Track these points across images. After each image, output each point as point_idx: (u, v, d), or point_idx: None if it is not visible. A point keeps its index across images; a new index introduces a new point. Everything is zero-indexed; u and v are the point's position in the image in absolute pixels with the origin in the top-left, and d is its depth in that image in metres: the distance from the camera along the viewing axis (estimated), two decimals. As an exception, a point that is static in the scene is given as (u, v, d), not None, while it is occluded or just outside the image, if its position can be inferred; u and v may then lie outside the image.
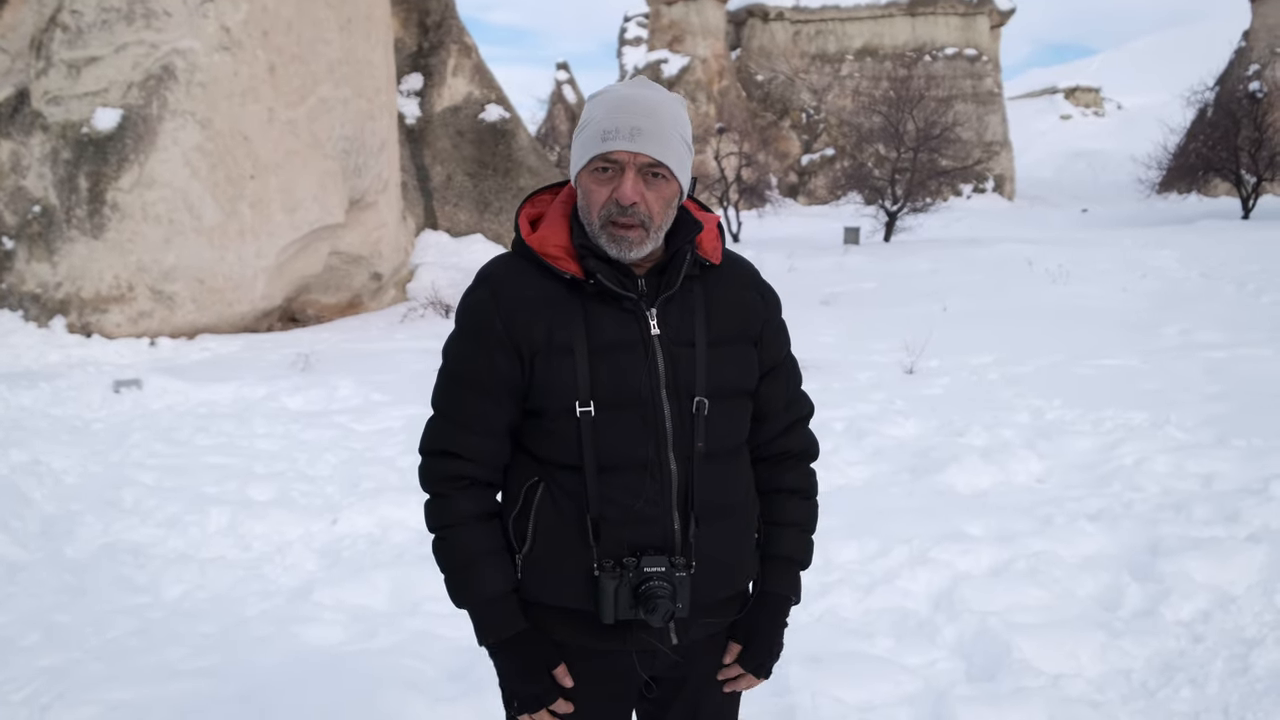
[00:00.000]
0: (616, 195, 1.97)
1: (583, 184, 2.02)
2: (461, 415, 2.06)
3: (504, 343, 2.00)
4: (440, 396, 2.10)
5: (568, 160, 31.38)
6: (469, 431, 2.05)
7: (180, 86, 14.88)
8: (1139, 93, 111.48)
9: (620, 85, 2.06)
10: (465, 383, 2.05)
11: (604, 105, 2.02)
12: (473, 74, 26.14)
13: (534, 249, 2.04)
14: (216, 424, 9.11)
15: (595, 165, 1.99)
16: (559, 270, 2.02)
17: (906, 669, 4.01)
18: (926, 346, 11.41)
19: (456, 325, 2.08)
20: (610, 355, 1.99)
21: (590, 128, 2.01)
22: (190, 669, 4.21)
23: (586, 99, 2.11)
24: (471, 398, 2.04)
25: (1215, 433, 7.49)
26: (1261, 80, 50.91)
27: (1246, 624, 4.37)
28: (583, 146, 2.02)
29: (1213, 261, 20.14)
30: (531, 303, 2.01)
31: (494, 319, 2.01)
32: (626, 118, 1.97)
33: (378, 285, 18.95)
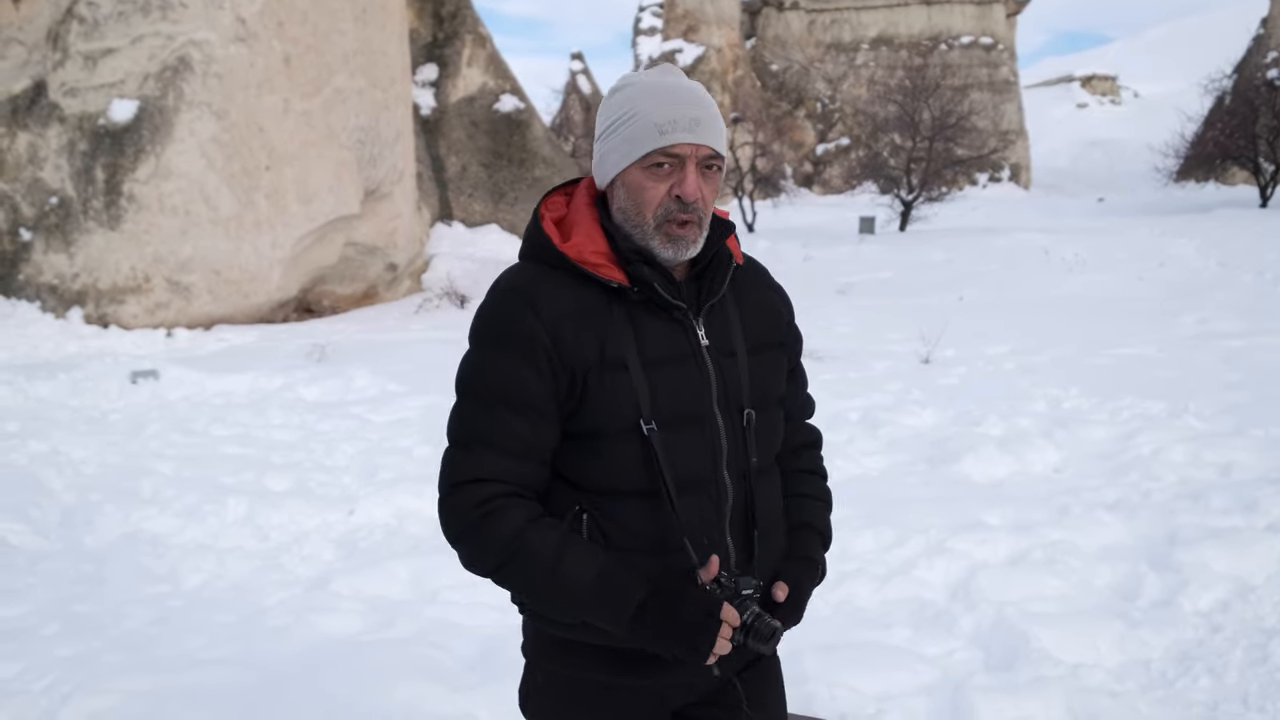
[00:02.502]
0: (679, 191, 1.83)
1: (630, 182, 1.85)
2: (496, 438, 1.80)
3: (550, 357, 1.79)
4: (464, 424, 1.84)
5: (583, 150, 31.36)
6: (506, 455, 1.81)
7: (196, 78, 14.92)
8: (1156, 81, 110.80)
9: (655, 74, 1.91)
10: (501, 402, 1.80)
11: (653, 95, 1.86)
12: (487, 64, 26.14)
13: (570, 256, 1.84)
14: (233, 414, 9.15)
15: (652, 160, 1.83)
16: (603, 279, 1.83)
17: (924, 659, 4.00)
18: (942, 336, 11.38)
19: (482, 340, 1.85)
20: (663, 369, 1.84)
21: (639, 121, 1.84)
22: (209, 658, 4.23)
23: (612, 91, 1.93)
24: (510, 418, 1.80)
25: (1233, 422, 7.44)
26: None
27: (1266, 614, 4.35)
28: (631, 141, 1.84)
29: (1231, 250, 20.00)
30: (574, 315, 1.82)
31: (536, 331, 1.79)
32: (685, 108, 1.84)
33: (393, 276, 18.98)
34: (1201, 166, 45.07)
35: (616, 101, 1.89)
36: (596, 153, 1.94)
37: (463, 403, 1.86)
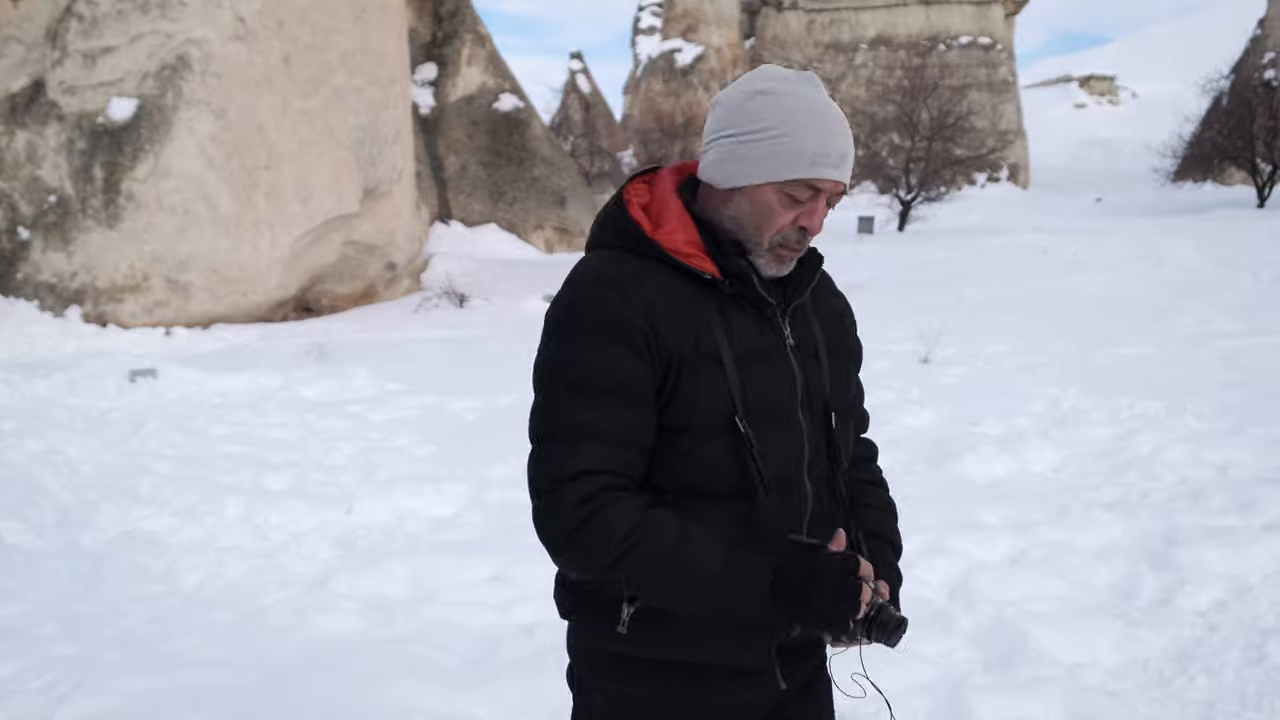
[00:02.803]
0: (806, 223, 1.78)
1: (761, 200, 1.77)
2: (600, 429, 1.70)
3: (650, 345, 1.72)
4: (560, 417, 1.72)
5: (581, 150, 31.29)
6: (612, 446, 1.71)
7: (195, 76, 14.92)
8: (1154, 81, 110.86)
9: (806, 87, 1.79)
10: (602, 391, 1.70)
11: (809, 117, 1.76)
12: (486, 64, 26.16)
13: (663, 245, 1.78)
14: (232, 413, 9.15)
15: (794, 188, 1.76)
16: (695, 269, 1.77)
17: (923, 658, 4.00)
18: (941, 335, 11.38)
19: (576, 329, 1.74)
20: (753, 365, 1.78)
21: (792, 142, 1.75)
22: (206, 658, 4.22)
23: (757, 91, 1.79)
24: (614, 407, 1.71)
25: (1231, 421, 7.45)
26: (1277, 69, 50.58)
27: (1263, 613, 4.36)
28: (779, 160, 1.75)
29: (1228, 250, 20.00)
30: (668, 305, 1.75)
31: (635, 319, 1.71)
32: (838, 140, 1.77)
33: (392, 275, 18.99)
34: (1199, 166, 45.18)
35: (765, 107, 1.77)
36: (725, 149, 1.81)
37: (556, 395, 1.73)
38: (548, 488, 1.70)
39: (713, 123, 1.84)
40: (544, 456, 1.73)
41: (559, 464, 1.70)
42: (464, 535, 5.91)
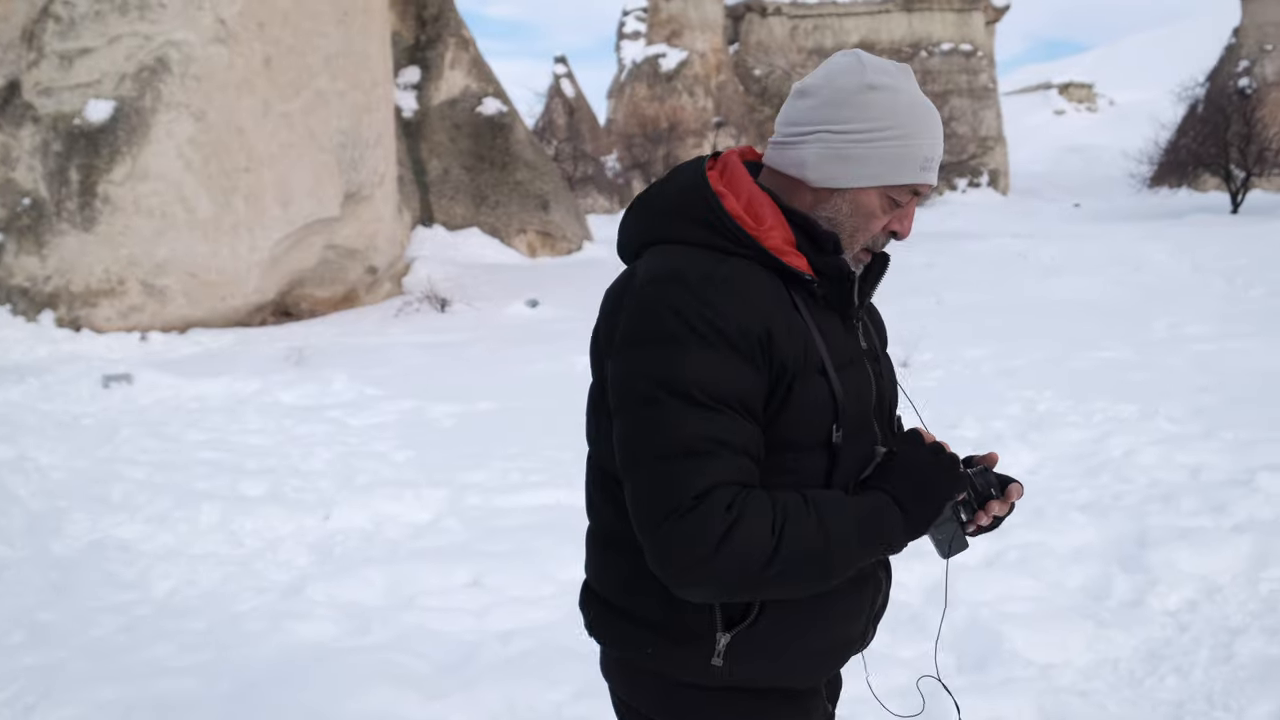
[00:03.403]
0: (898, 228, 1.71)
1: (865, 203, 1.68)
2: (729, 438, 1.54)
3: (765, 354, 1.57)
4: (682, 430, 1.53)
5: (565, 154, 31.26)
6: (742, 455, 1.55)
7: (174, 78, 14.86)
8: (1131, 88, 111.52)
9: (914, 85, 1.71)
10: (723, 403, 1.54)
11: (922, 119, 1.68)
12: (470, 67, 26.14)
13: (766, 244, 1.64)
14: (208, 419, 9.11)
15: (899, 193, 1.68)
16: (794, 269, 1.65)
17: (898, 661, 4.02)
18: (921, 340, 11.43)
19: (678, 334, 1.55)
20: (846, 374, 1.68)
21: (909, 143, 1.66)
22: (179, 666, 4.20)
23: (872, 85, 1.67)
24: (737, 419, 1.55)
25: (1203, 424, 7.51)
26: (1251, 77, 51.17)
27: (1231, 613, 4.41)
28: (892, 164, 1.66)
29: (1203, 255, 20.17)
30: (778, 310, 1.61)
31: (751, 326, 1.56)
32: (940, 145, 1.71)
33: (373, 279, 18.94)
34: (1175, 173, 45.52)
35: (882, 104, 1.66)
36: (831, 147, 1.67)
37: (669, 409, 1.54)
38: (680, 506, 1.50)
39: (807, 113, 1.69)
40: (665, 476, 1.53)
41: (688, 479, 1.51)
42: (442, 541, 5.89)
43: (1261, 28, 55.27)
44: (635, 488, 1.56)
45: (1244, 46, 55.46)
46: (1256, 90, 48.17)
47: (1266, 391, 8.47)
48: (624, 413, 1.59)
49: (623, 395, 1.60)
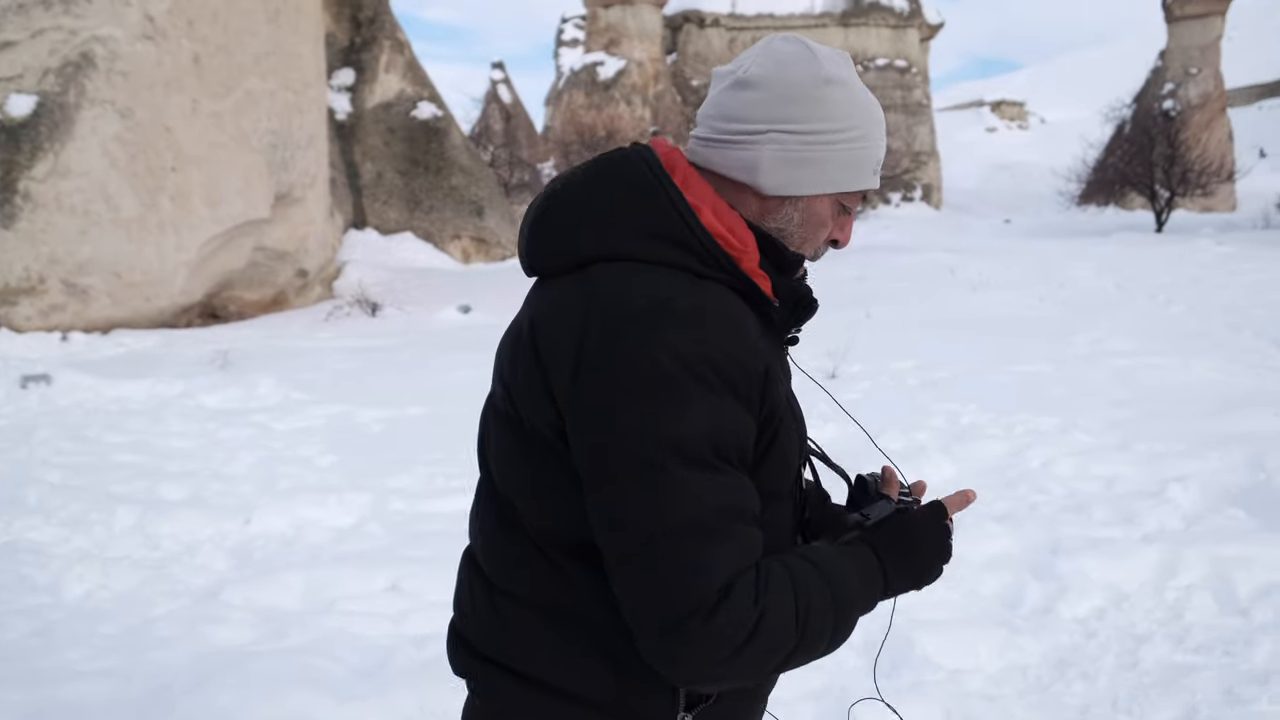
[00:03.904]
0: (839, 236, 1.58)
1: (817, 211, 1.52)
2: (744, 506, 1.35)
3: (760, 397, 1.39)
4: (696, 500, 1.30)
5: (501, 160, 31.18)
6: (751, 523, 1.36)
7: (100, 75, 14.60)
8: (1061, 107, 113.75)
9: (857, 77, 1.54)
10: (730, 463, 1.35)
11: (877, 122, 1.54)
12: (405, 70, 26.00)
13: (744, 267, 1.45)
14: (128, 421, 8.95)
15: (852, 199, 1.55)
16: (766, 296, 1.47)
17: (812, 666, 4.04)
18: (850, 351, 11.55)
19: (672, 379, 1.31)
20: (795, 409, 1.55)
21: (869, 146, 1.52)
22: (91, 670, 4.14)
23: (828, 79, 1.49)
24: (738, 476, 1.36)
25: (1119, 437, 7.69)
26: (1175, 99, 52.51)
27: (1137, 621, 4.54)
28: (850, 169, 1.51)
29: (1127, 273, 20.62)
30: (763, 345, 1.43)
31: (753, 368, 1.37)
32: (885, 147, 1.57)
33: (303, 282, 18.74)
34: (1102, 191, 46.64)
35: (841, 103, 1.49)
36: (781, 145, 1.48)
37: (679, 475, 1.30)
38: (704, 603, 1.28)
39: (755, 108, 1.48)
40: (681, 565, 1.29)
41: (710, 569, 1.29)
42: (364, 546, 5.86)
43: (1186, 51, 56.71)
44: (637, 576, 1.31)
45: (1169, 70, 56.86)
46: (1180, 113, 49.51)
47: (1180, 405, 8.68)
48: (615, 482, 1.32)
49: (611, 461, 1.33)
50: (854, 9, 67.82)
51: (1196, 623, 4.51)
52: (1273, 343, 12.08)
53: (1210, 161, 43.14)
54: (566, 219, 1.47)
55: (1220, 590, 4.79)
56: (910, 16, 68.60)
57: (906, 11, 68.07)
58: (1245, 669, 4.06)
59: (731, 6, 68.10)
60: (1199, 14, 56.39)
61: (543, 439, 1.43)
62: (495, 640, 1.54)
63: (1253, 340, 12.35)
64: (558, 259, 1.47)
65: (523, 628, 1.51)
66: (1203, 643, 4.32)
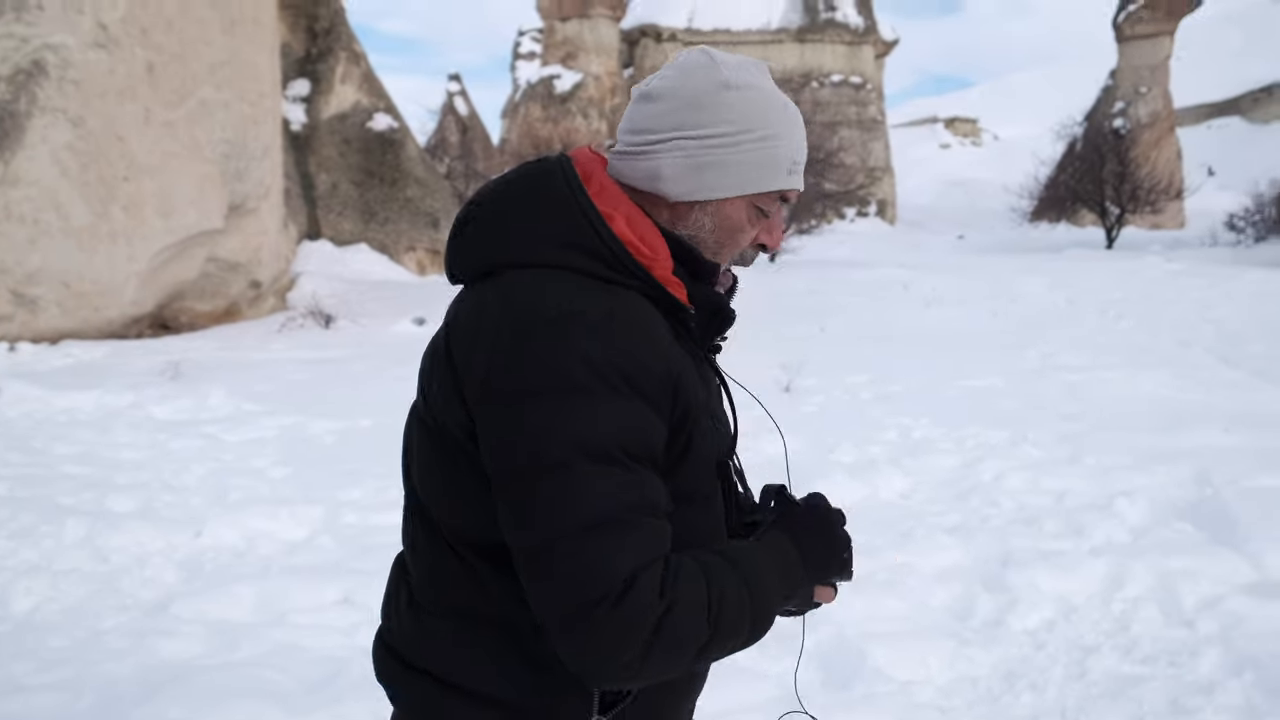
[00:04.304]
0: (766, 240, 1.57)
1: (730, 215, 1.53)
2: (654, 503, 1.37)
3: (671, 399, 1.41)
4: (607, 496, 1.32)
5: (457, 172, 31.15)
6: (660, 518, 1.38)
7: (51, 83, 14.43)
8: (1014, 124, 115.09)
9: (772, 83, 1.56)
10: (643, 461, 1.37)
11: (788, 120, 1.54)
12: (361, 82, 25.87)
13: (657, 276, 1.47)
14: (77, 432, 8.84)
15: (767, 201, 1.54)
16: (678, 302, 1.49)
17: (765, 677, 4.10)
18: (804, 366, 11.63)
19: (581, 383, 1.34)
20: (718, 413, 1.59)
21: (776, 145, 1.52)
22: (38, 683, 4.09)
23: (730, 84, 1.51)
24: (648, 475, 1.37)
25: (1069, 451, 7.79)
26: (1126, 118, 53.40)
27: (1085, 632, 4.60)
28: (761, 170, 1.51)
29: (1078, 288, 20.92)
30: (675, 350, 1.45)
31: (662, 370, 1.40)
32: (805, 147, 1.57)
33: (256, 293, 18.58)
34: (1054, 208, 47.27)
35: (742, 105, 1.51)
36: (689, 154, 1.51)
37: (586, 473, 1.32)
38: (609, 594, 1.29)
39: (658, 118, 1.52)
40: (586, 557, 1.30)
41: (615, 561, 1.30)
42: (316, 559, 5.82)
43: (1137, 70, 57.67)
44: (545, 570, 1.33)
45: (1120, 88, 57.80)
46: (1130, 131, 50.34)
47: (1129, 420, 8.82)
48: (523, 479, 1.35)
49: (519, 458, 1.35)
50: (810, 25, 68.38)
51: (1143, 634, 4.58)
52: (1221, 359, 12.31)
53: (1159, 179, 43.93)
54: (486, 228, 1.51)
55: (1166, 602, 4.88)
56: (865, 33, 69.25)
57: (861, 28, 68.72)
58: (1190, 679, 4.13)
59: (688, 21, 68.45)
60: (1148, 34, 57.38)
61: (454, 440, 1.46)
62: (416, 646, 1.56)
63: (1201, 356, 12.58)
64: (477, 266, 1.51)
65: (441, 632, 1.52)
66: (1149, 654, 4.39)
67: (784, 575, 1.48)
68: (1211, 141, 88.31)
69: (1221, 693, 4.00)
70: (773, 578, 1.45)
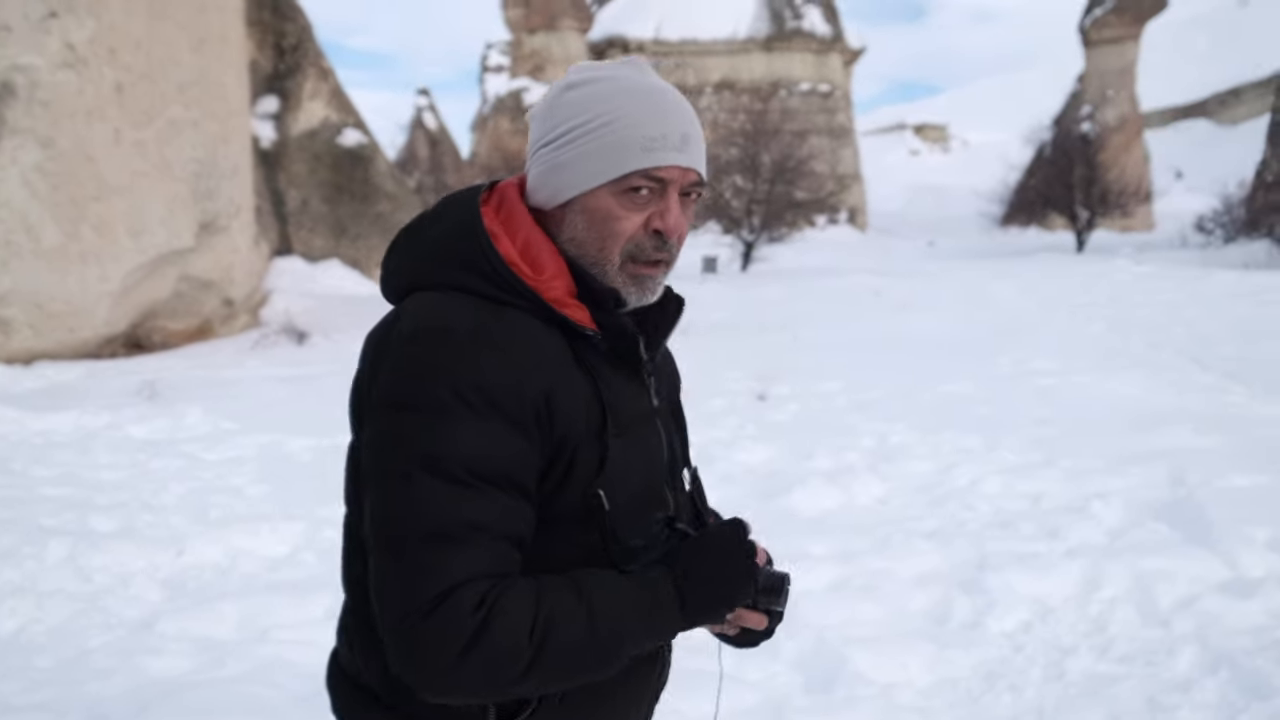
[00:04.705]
0: (659, 224, 1.50)
1: (597, 207, 1.50)
2: (489, 523, 1.37)
3: (541, 423, 1.42)
4: (434, 511, 1.36)
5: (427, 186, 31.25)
6: (502, 542, 1.38)
7: (20, 104, 14.36)
8: (983, 130, 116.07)
9: (631, 71, 1.56)
10: (484, 480, 1.37)
11: (635, 100, 1.51)
12: (330, 98, 25.83)
13: (545, 296, 1.48)
14: (55, 454, 8.81)
15: (630, 184, 1.49)
16: (574, 324, 1.49)
17: (746, 683, 4.15)
18: (778, 374, 11.70)
19: (446, 402, 1.38)
20: (635, 435, 1.54)
21: (618, 131, 1.49)
22: (26, 703, 4.10)
23: (571, 85, 1.55)
24: (501, 499, 1.38)
25: (1043, 455, 7.89)
26: (1094, 122, 53.99)
27: (1063, 633, 4.68)
28: (606, 156, 1.49)
29: (1049, 292, 21.14)
30: (557, 368, 1.45)
31: (525, 389, 1.40)
32: (674, 121, 1.51)
33: (229, 311, 18.52)
34: (1024, 212, 47.71)
35: (582, 99, 1.52)
36: (544, 161, 1.54)
37: (425, 486, 1.36)
38: (421, 605, 1.32)
39: (531, 137, 1.58)
40: (410, 566, 1.34)
41: (434, 573, 1.33)
42: (298, 574, 5.85)
43: (1104, 75, 58.31)
44: (377, 575, 1.38)
45: (1087, 93, 58.43)
46: (1099, 135, 50.85)
47: (1102, 423, 8.93)
48: (375, 485, 1.41)
49: (375, 465, 1.42)
50: (777, 34, 68.76)
51: (1120, 634, 4.67)
52: (1192, 360, 12.45)
53: (1128, 183, 44.49)
54: (401, 254, 1.58)
55: (1142, 602, 4.96)
56: (832, 41, 69.72)
57: (829, 36, 69.18)
58: (1167, 677, 4.21)
59: (655, 32, 68.70)
60: (1115, 39, 58.05)
61: (356, 447, 1.55)
62: (350, 656, 1.63)
63: (1172, 358, 12.73)
64: (398, 289, 1.58)
65: (363, 643, 1.57)
66: (1126, 653, 4.47)
67: (646, 613, 1.43)
68: (1179, 144, 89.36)
69: (1198, 690, 4.07)
70: (629, 613, 1.42)
